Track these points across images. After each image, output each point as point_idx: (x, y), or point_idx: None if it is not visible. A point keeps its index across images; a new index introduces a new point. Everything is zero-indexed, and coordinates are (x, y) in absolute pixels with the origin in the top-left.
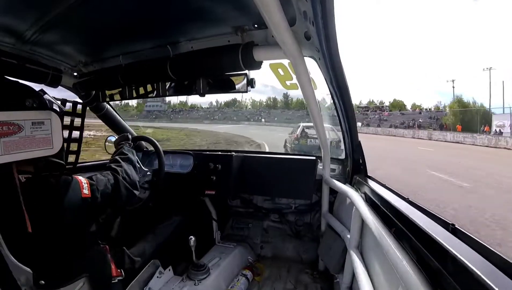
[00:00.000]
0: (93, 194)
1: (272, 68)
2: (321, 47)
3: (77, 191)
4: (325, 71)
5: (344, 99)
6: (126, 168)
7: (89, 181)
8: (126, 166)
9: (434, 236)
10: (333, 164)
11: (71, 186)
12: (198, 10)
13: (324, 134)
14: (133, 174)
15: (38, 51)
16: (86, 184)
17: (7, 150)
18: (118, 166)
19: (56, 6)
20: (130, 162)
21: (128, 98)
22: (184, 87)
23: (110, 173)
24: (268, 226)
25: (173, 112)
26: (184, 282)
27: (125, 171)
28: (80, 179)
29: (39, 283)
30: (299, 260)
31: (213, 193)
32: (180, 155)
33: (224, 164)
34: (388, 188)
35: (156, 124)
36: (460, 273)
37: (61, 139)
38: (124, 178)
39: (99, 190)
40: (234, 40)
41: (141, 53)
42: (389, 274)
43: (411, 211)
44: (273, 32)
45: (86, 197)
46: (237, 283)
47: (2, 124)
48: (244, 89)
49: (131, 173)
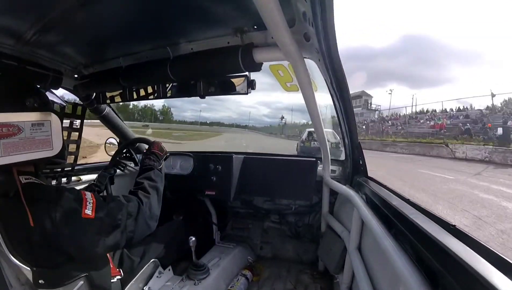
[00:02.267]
0: (97, 216)
1: (272, 69)
2: (320, 48)
3: (77, 209)
4: (325, 72)
5: (344, 100)
6: (152, 200)
7: (96, 201)
8: (152, 197)
9: (434, 237)
10: (333, 165)
11: (71, 202)
12: (198, 12)
13: (324, 136)
14: (155, 206)
15: (38, 53)
16: (91, 204)
17: (6, 151)
18: (145, 196)
19: (56, 7)
20: (157, 191)
21: (129, 100)
22: (184, 89)
23: (135, 200)
24: (268, 226)
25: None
26: (183, 282)
27: (150, 203)
28: (85, 197)
29: (39, 282)
30: (299, 261)
31: (213, 193)
32: (180, 157)
33: (224, 165)
34: (389, 189)
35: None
36: (460, 273)
37: (61, 140)
38: (145, 212)
39: (110, 215)
40: (233, 41)
41: (141, 54)
42: (389, 275)
43: (411, 212)
44: (272, 34)
45: (87, 218)
46: (237, 283)
47: (1, 126)
48: (244, 91)
49: (154, 206)
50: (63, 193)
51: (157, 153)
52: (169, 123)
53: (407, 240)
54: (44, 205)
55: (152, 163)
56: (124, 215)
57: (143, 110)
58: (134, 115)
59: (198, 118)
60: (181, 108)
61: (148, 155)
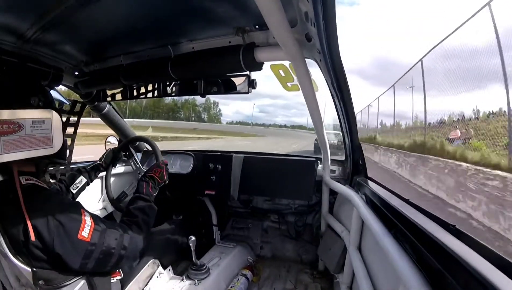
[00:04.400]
0: (92, 241)
1: (273, 69)
2: (322, 49)
3: (74, 229)
4: (326, 73)
5: (345, 100)
6: (141, 236)
7: (95, 225)
8: (142, 233)
9: (435, 237)
10: (333, 165)
11: (70, 220)
12: (199, 11)
13: (324, 136)
14: (142, 242)
15: (39, 50)
16: (89, 227)
17: (6, 149)
18: (137, 231)
19: (57, 5)
20: (148, 227)
21: (129, 98)
22: (185, 88)
23: (129, 232)
24: (268, 226)
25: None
26: (184, 282)
27: (139, 239)
28: (84, 218)
29: (39, 283)
30: (299, 260)
31: (213, 193)
32: (180, 156)
33: (224, 165)
34: (388, 189)
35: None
36: (460, 272)
37: (61, 138)
38: (135, 247)
39: (104, 242)
40: (235, 41)
41: (142, 53)
42: (389, 274)
43: (411, 212)
44: (274, 34)
45: (82, 240)
46: (237, 283)
47: (2, 123)
48: (245, 90)
49: (141, 241)
50: (65, 208)
51: (156, 179)
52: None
53: (407, 239)
54: (44, 215)
55: (149, 192)
56: (118, 245)
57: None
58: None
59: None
60: (273, 113)
61: (146, 178)
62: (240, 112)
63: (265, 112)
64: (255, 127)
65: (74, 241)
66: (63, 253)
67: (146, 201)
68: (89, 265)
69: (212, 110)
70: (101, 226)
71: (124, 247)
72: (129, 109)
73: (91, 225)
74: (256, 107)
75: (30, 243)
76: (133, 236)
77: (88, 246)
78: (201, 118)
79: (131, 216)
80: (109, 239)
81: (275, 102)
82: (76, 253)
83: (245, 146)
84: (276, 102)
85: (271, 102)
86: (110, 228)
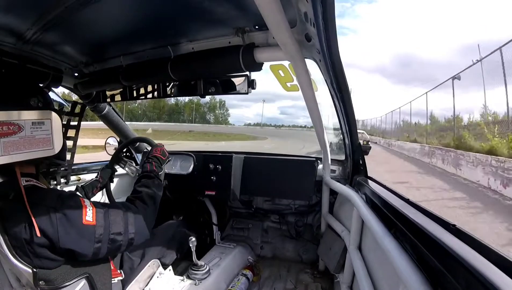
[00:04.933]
0: (98, 222)
1: (272, 69)
2: (321, 49)
3: (78, 216)
4: (326, 73)
5: (345, 100)
6: (148, 210)
7: (96, 208)
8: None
9: (435, 236)
10: (333, 165)
11: (72, 208)
12: (199, 11)
13: (324, 136)
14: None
15: (39, 51)
16: (90, 211)
17: (6, 150)
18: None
19: (57, 6)
20: (154, 202)
21: (129, 99)
22: (185, 88)
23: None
24: (268, 226)
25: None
26: (184, 282)
27: (146, 214)
28: (84, 204)
29: (39, 283)
30: (299, 260)
31: (213, 193)
32: (181, 156)
33: (224, 165)
34: (389, 188)
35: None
36: (460, 272)
37: (61, 139)
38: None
39: (110, 221)
40: (235, 41)
41: (142, 53)
42: (389, 274)
43: (411, 212)
44: (274, 34)
45: (88, 224)
46: (237, 283)
47: (2, 124)
48: (244, 90)
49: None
50: (64, 199)
51: (159, 157)
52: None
53: (407, 239)
54: (45, 210)
55: (152, 169)
56: (125, 223)
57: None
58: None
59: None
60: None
61: (149, 159)
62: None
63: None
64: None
65: (81, 228)
66: (73, 246)
67: (150, 178)
68: (103, 249)
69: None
70: (103, 208)
71: (131, 223)
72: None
73: (92, 208)
74: (277, 109)
75: (35, 241)
76: (138, 211)
77: (96, 229)
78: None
79: (135, 193)
80: (114, 218)
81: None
82: (86, 240)
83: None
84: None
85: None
86: (112, 208)
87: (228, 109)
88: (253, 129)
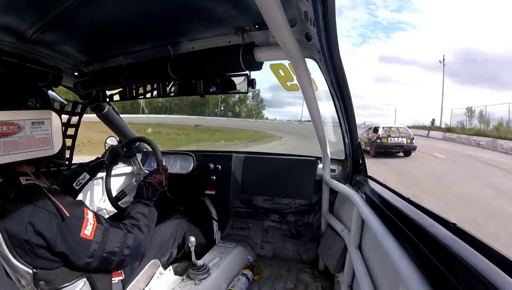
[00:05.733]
0: (95, 239)
1: (272, 69)
2: (321, 48)
3: (77, 227)
4: (326, 72)
5: (345, 100)
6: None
7: (97, 223)
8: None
9: (435, 235)
10: (333, 164)
11: (72, 218)
12: (199, 11)
13: (324, 135)
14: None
15: (38, 51)
16: (91, 225)
17: (6, 150)
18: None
19: (57, 5)
20: (148, 230)
21: (129, 98)
22: (185, 88)
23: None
24: (268, 226)
25: None
26: (184, 282)
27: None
28: (87, 217)
29: (39, 283)
30: (299, 260)
31: (213, 193)
32: (181, 156)
33: (224, 164)
34: (388, 188)
35: None
36: (461, 272)
37: (61, 139)
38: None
39: (107, 240)
40: (235, 40)
41: (142, 53)
42: (389, 273)
43: (411, 211)
44: (274, 33)
45: (85, 238)
46: (238, 283)
47: (1, 124)
48: (244, 89)
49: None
50: (66, 207)
51: (155, 186)
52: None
53: (407, 238)
54: (46, 213)
55: (149, 197)
56: (122, 244)
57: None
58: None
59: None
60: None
61: (146, 184)
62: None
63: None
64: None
65: (77, 239)
66: (68, 251)
67: (147, 206)
68: (93, 263)
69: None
70: (104, 225)
71: (128, 246)
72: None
73: (93, 223)
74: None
75: (35, 242)
76: (136, 236)
77: (92, 244)
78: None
79: (133, 219)
80: (113, 238)
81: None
82: (80, 251)
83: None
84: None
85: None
86: (114, 227)
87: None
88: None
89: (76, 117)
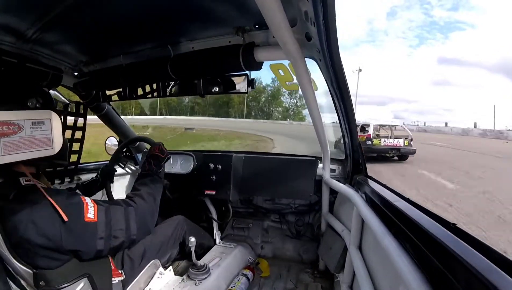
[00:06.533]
0: (100, 219)
1: (272, 68)
2: (322, 48)
3: (79, 214)
4: (326, 72)
5: (345, 100)
6: (148, 207)
7: (97, 205)
8: (148, 204)
9: (435, 235)
10: (333, 164)
11: (73, 206)
12: (199, 11)
13: (324, 135)
14: (151, 213)
15: (38, 50)
16: (92, 208)
17: (7, 150)
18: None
19: (57, 5)
20: (154, 199)
21: (129, 98)
22: (185, 87)
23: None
24: (269, 226)
25: None
26: (184, 283)
27: (145, 210)
28: (86, 202)
29: (39, 284)
30: (300, 260)
31: (213, 193)
32: (181, 156)
33: (224, 165)
34: (388, 188)
35: None
36: (461, 272)
37: (61, 139)
38: (142, 217)
39: (112, 218)
40: (235, 40)
41: (141, 53)
42: (389, 273)
43: (411, 211)
44: (274, 33)
45: (90, 222)
46: (238, 283)
47: (2, 124)
48: (244, 89)
49: (150, 213)
50: (64, 198)
51: (158, 155)
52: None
53: (407, 238)
54: (46, 209)
55: (152, 168)
56: (126, 219)
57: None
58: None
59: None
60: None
61: (148, 158)
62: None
63: (399, 118)
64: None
65: (83, 225)
66: (77, 245)
67: (149, 176)
68: (105, 246)
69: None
70: (104, 205)
71: (132, 219)
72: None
73: (93, 205)
74: (390, 112)
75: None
76: (137, 207)
77: (98, 225)
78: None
79: (134, 190)
80: (115, 215)
81: (409, 107)
82: (90, 238)
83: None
84: (410, 106)
85: (406, 106)
86: (113, 204)
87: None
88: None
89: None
